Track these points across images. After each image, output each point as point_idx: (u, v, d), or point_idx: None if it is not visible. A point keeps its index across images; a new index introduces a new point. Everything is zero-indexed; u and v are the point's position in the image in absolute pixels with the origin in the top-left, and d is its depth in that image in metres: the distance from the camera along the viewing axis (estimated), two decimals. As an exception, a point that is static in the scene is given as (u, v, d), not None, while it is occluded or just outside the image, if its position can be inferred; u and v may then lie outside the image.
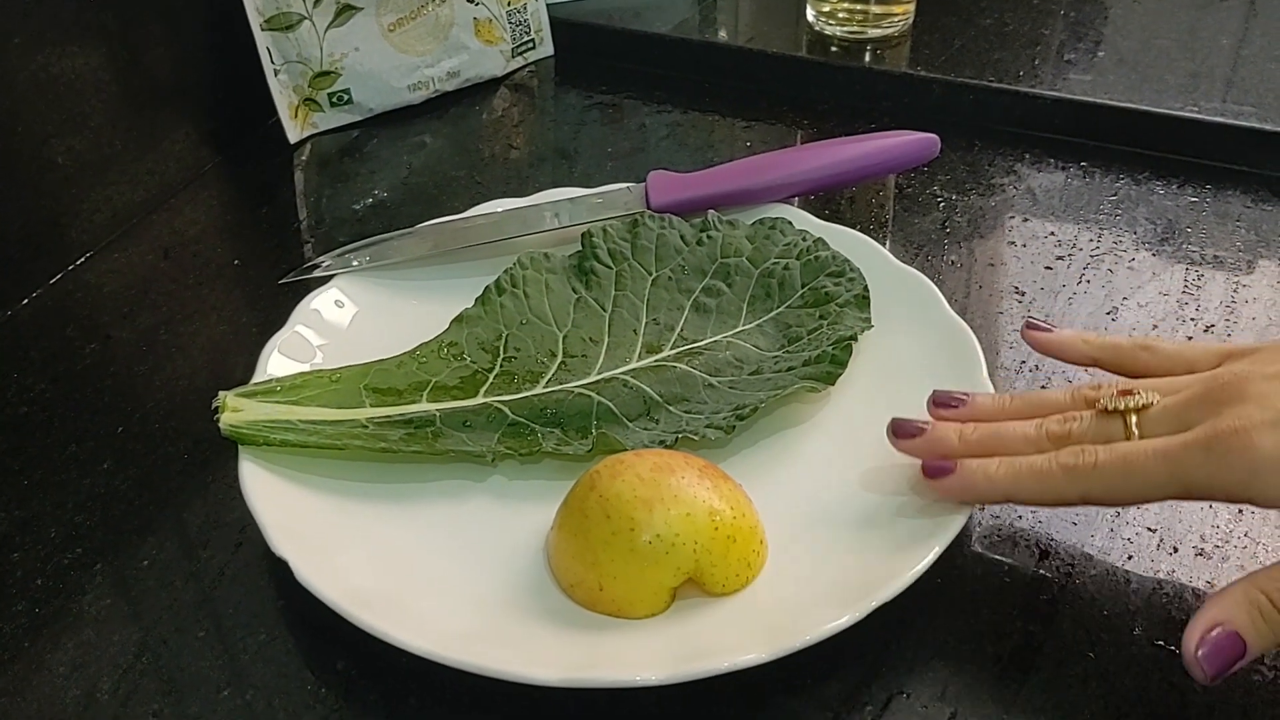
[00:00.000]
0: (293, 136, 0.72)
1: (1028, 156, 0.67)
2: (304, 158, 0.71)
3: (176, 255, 0.64)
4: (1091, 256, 0.59)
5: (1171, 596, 0.42)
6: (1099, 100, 0.67)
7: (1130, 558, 0.44)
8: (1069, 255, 0.59)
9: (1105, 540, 0.45)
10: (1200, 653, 0.36)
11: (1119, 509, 0.45)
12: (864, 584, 0.40)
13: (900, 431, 0.43)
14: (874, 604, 0.39)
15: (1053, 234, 0.61)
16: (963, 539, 0.44)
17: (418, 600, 0.41)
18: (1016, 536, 0.45)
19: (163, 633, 0.43)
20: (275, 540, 0.42)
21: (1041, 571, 0.44)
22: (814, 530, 0.44)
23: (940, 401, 0.44)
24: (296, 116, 0.71)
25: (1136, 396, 0.40)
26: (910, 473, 0.44)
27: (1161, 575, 0.43)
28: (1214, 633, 0.36)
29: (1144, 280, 0.57)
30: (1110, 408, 0.40)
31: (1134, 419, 0.39)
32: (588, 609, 0.41)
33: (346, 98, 0.72)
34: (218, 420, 0.46)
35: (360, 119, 0.73)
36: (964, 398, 0.44)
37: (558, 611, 0.41)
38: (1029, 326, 0.45)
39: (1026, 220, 0.62)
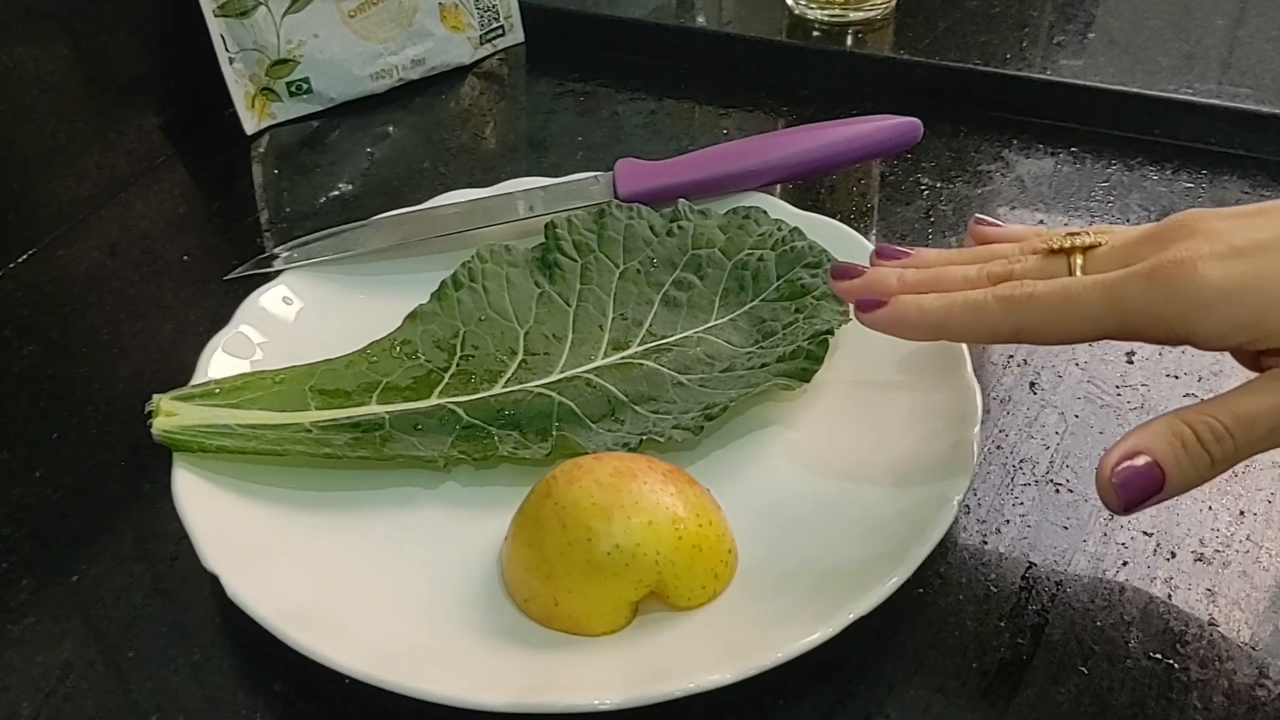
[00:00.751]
0: (250, 128, 0.69)
1: (1015, 142, 0.64)
2: (262, 150, 0.69)
3: (124, 252, 0.61)
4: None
5: (1169, 605, 0.40)
6: (1090, 83, 0.64)
7: (1125, 564, 0.41)
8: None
9: (1098, 545, 0.42)
10: (1116, 480, 0.34)
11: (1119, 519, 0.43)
12: (839, 596, 0.37)
13: (838, 273, 0.43)
14: (850, 618, 0.36)
15: (1042, 222, 0.58)
16: (945, 546, 0.42)
17: (360, 618, 0.38)
18: (1003, 543, 0.42)
19: (90, 654, 0.40)
20: (207, 553, 0.39)
21: (1030, 580, 0.41)
22: (787, 538, 0.41)
23: (883, 253, 0.43)
24: (253, 107, 0.69)
25: (1083, 236, 0.38)
26: (890, 474, 0.42)
27: (1158, 583, 0.40)
28: (1133, 461, 0.34)
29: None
30: (1056, 246, 0.38)
31: (1079, 259, 0.38)
32: (543, 625, 0.38)
33: (305, 87, 0.69)
34: (150, 425, 0.43)
35: (320, 109, 0.71)
36: (908, 251, 0.43)
37: (511, 629, 0.38)
38: (977, 221, 0.44)
39: (1015, 209, 0.60)
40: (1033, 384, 0.49)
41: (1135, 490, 0.34)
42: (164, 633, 0.41)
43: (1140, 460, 0.34)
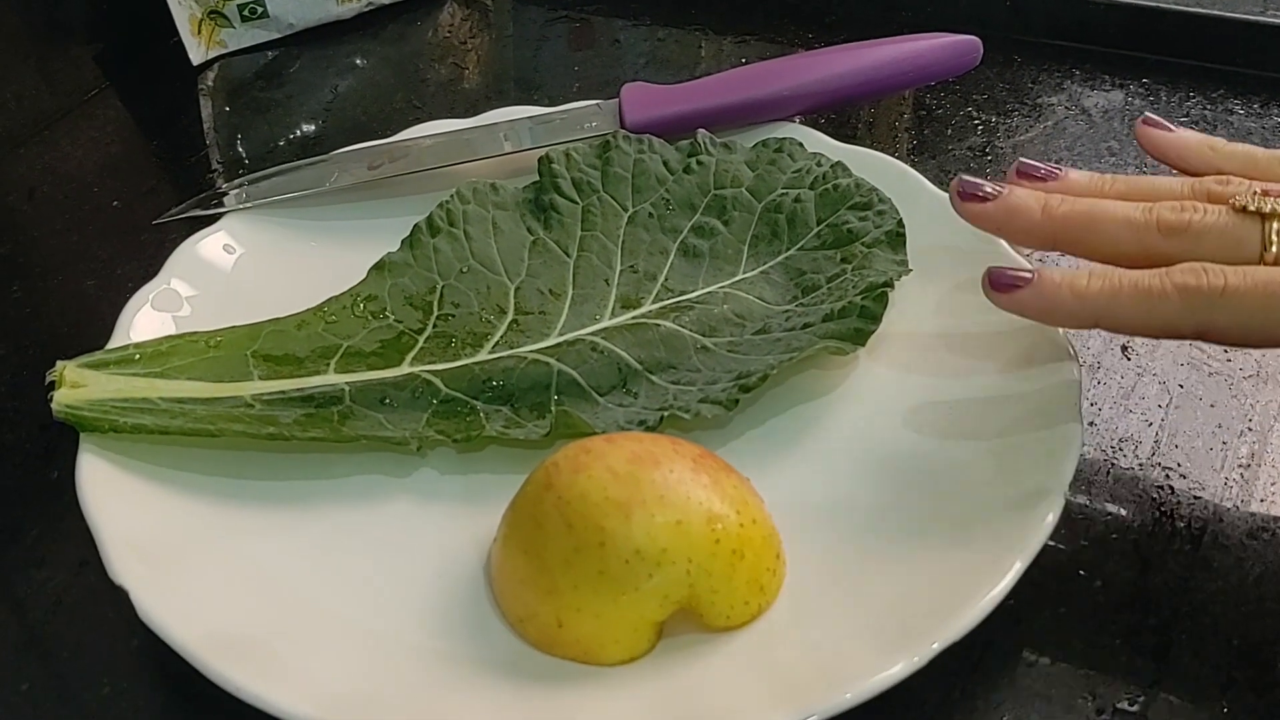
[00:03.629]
0: (196, 57, 0.60)
1: (1078, 73, 0.56)
2: (210, 83, 0.60)
3: (44, 196, 0.52)
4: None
5: (1325, 622, 0.32)
6: (1161, 5, 0.56)
7: (1260, 569, 0.33)
8: (1140, 186, 0.49)
9: (1225, 539, 0.34)
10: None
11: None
12: (919, 617, 0.30)
13: (967, 191, 0.35)
14: (936, 646, 0.28)
15: (1115, 162, 0.51)
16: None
17: (308, 647, 0.30)
18: (1106, 542, 0.34)
19: (-28, 686, 0.32)
20: (116, 562, 0.31)
21: (1144, 590, 0.33)
22: (846, 542, 0.33)
23: (1026, 170, 0.36)
24: (200, 33, 0.60)
25: None
26: (973, 461, 0.34)
27: (1308, 593, 0.33)
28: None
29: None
30: (1251, 207, 0.32)
31: (1276, 227, 0.31)
32: (543, 652, 0.31)
33: (260, 10, 0.61)
34: (51, 399, 0.35)
35: (278, 36, 0.62)
36: (1057, 170, 0.36)
37: (502, 658, 0.31)
38: (1145, 123, 0.37)
39: (1083, 146, 0.52)
40: (1125, 347, 0.41)
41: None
42: (67, 659, 0.33)
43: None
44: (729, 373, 0.37)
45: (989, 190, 0.35)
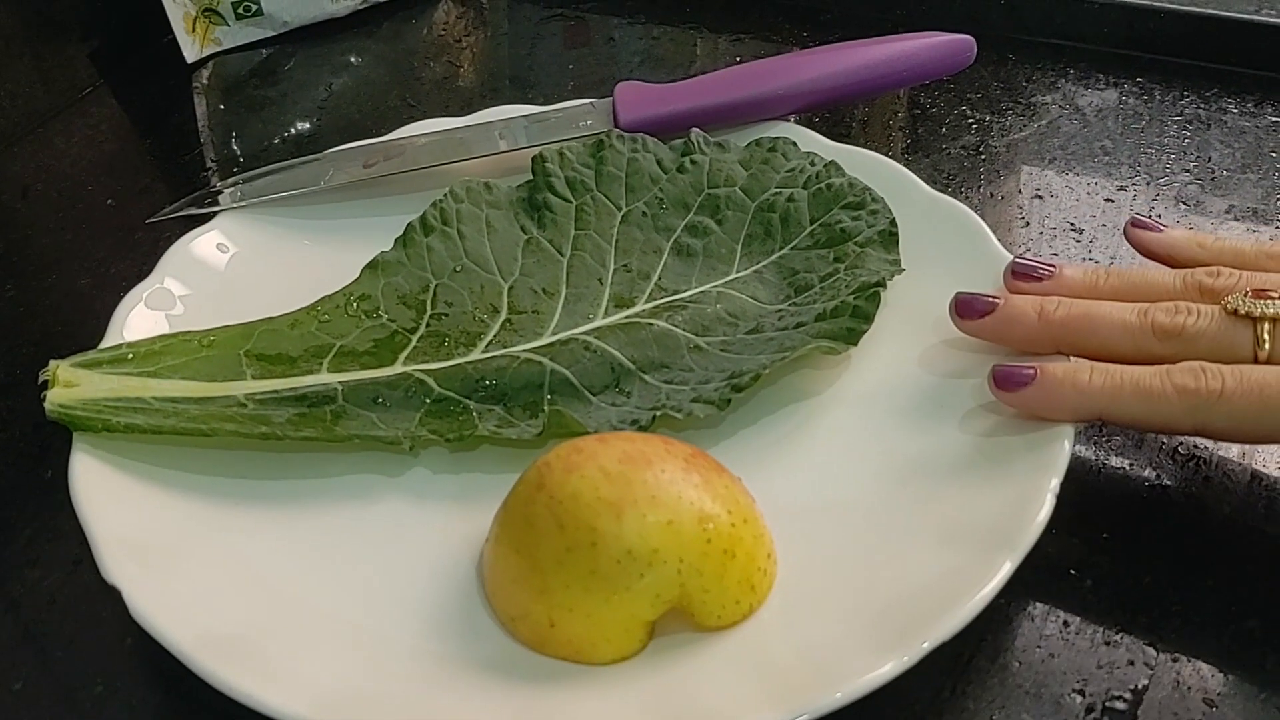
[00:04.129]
0: (190, 55, 0.60)
1: (1072, 72, 0.56)
2: (204, 81, 0.60)
3: (38, 194, 0.52)
4: (1160, 187, 0.48)
5: (1314, 622, 0.32)
6: (1155, 4, 0.56)
7: (1252, 569, 0.34)
8: (1131, 186, 0.49)
9: (1216, 541, 0.34)
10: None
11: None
12: (909, 616, 0.30)
13: (964, 309, 0.36)
14: (927, 646, 0.28)
15: (1109, 161, 0.50)
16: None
17: (300, 646, 0.30)
18: (1102, 540, 0.34)
19: (-35, 686, 0.32)
20: (109, 561, 0.31)
21: (1139, 587, 0.33)
22: (837, 541, 0.33)
23: (1021, 271, 0.37)
24: (194, 30, 0.60)
25: (1276, 303, 0.33)
26: (965, 458, 0.34)
27: (1297, 593, 0.33)
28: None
29: (1225, 215, 0.47)
30: (1241, 310, 0.33)
31: (1267, 328, 0.32)
32: (535, 651, 0.31)
33: (255, 8, 0.61)
34: (44, 398, 0.35)
35: (273, 34, 0.62)
36: (1051, 269, 0.37)
37: (494, 657, 0.31)
38: (1134, 224, 0.38)
39: (1077, 145, 0.51)
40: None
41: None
42: (60, 658, 0.33)
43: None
44: (722, 372, 0.37)
45: (985, 304, 0.36)
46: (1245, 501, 0.35)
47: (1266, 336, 0.32)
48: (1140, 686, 0.31)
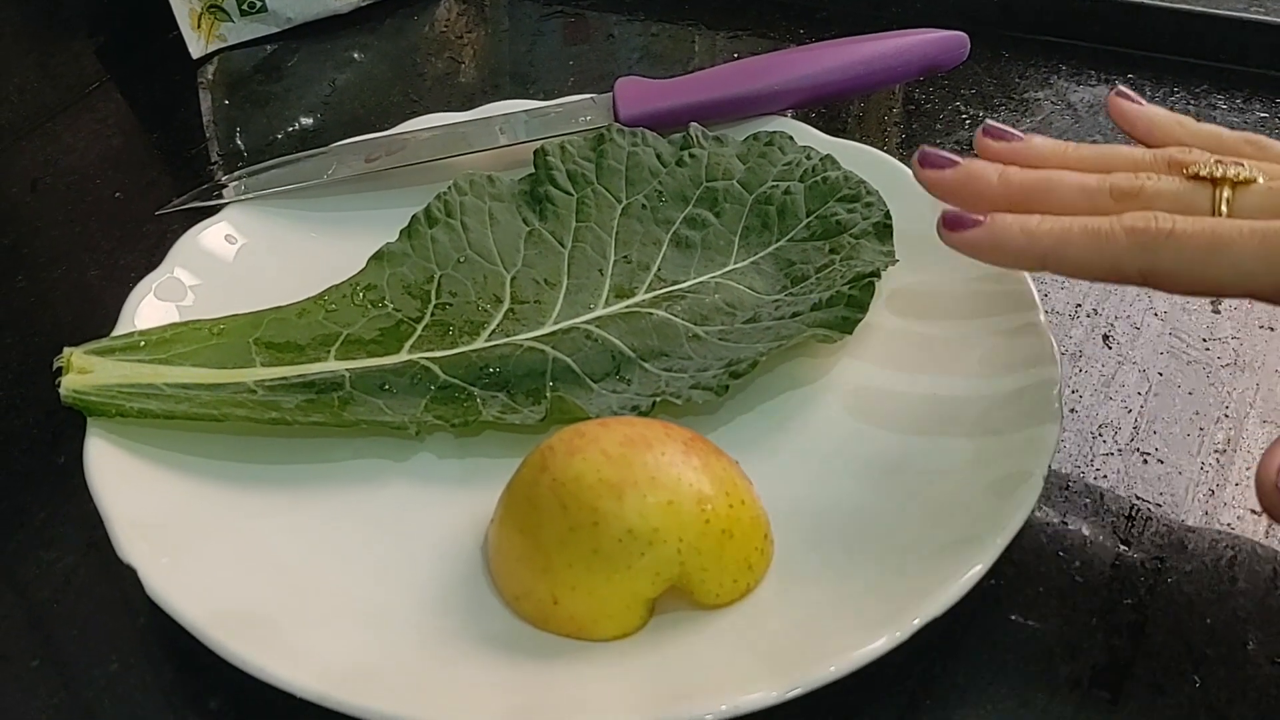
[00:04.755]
0: (195, 51, 0.61)
1: (1064, 68, 0.57)
2: (209, 76, 0.61)
3: (47, 188, 0.53)
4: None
5: (1294, 600, 0.33)
6: (1146, 1, 0.57)
7: (1234, 550, 0.35)
8: (1122, 180, 0.49)
9: (1200, 521, 0.35)
10: None
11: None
12: (902, 594, 0.31)
13: (927, 160, 0.35)
14: (917, 623, 0.29)
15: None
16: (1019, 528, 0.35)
17: (312, 622, 0.31)
18: (1086, 524, 0.35)
19: (-17, 662, 0.33)
20: (124, 541, 0.32)
21: (1122, 568, 0.34)
22: (833, 522, 0.34)
23: (991, 131, 0.36)
24: (199, 27, 0.61)
25: (1239, 168, 0.32)
26: (955, 444, 0.35)
27: (1278, 572, 0.34)
28: None
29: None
30: (1203, 173, 0.32)
31: (1227, 193, 0.32)
32: (538, 628, 0.31)
33: (259, 5, 0.61)
34: (59, 385, 0.35)
35: (277, 30, 0.63)
36: (1019, 135, 0.36)
37: (499, 635, 0.31)
38: (1116, 94, 0.38)
39: (1069, 139, 0.52)
40: (1106, 337, 0.42)
41: None
42: (76, 636, 0.34)
43: None
44: (720, 360, 0.38)
45: (948, 159, 0.35)
46: (1231, 485, 0.36)
47: (1225, 201, 0.31)
48: (1125, 661, 0.32)
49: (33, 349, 0.44)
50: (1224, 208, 0.31)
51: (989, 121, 0.37)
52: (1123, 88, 0.38)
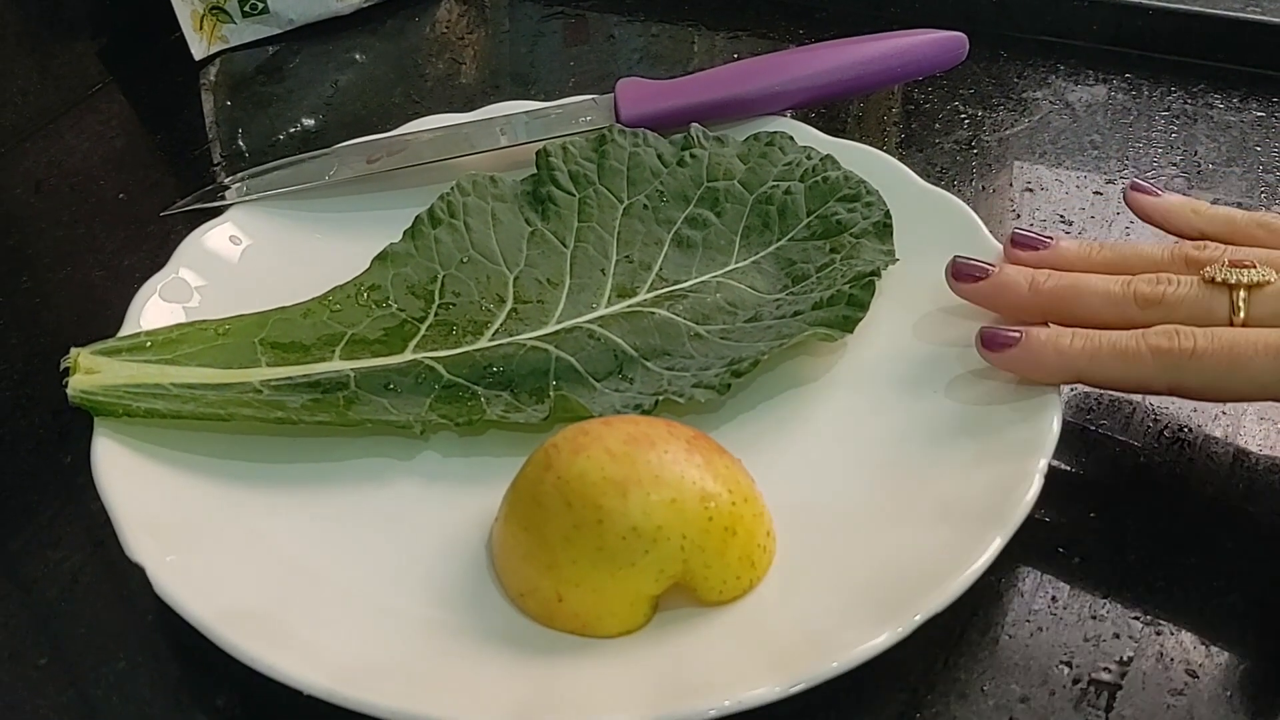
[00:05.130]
0: (198, 52, 0.61)
1: (1062, 68, 0.57)
2: (211, 78, 0.61)
3: (50, 189, 0.53)
4: (1147, 181, 0.49)
5: (1292, 596, 0.33)
6: (1144, 1, 0.57)
7: (1233, 543, 0.35)
8: (1120, 179, 0.50)
9: (1200, 516, 0.35)
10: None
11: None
12: (902, 590, 0.31)
13: (961, 273, 0.38)
14: (919, 619, 0.30)
15: (1098, 155, 0.52)
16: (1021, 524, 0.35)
17: (319, 620, 0.31)
18: (1087, 519, 0.36)
19: (-9, 661, 0.33)
20: (131, 539, 0.32)
21: (1124, 564, 0.34)
22: (835, 519, 0.34)
23: (1020, 240, 0.39)
24: (201, 28, 0.61)
25: (1251, 271, 0.34)
26: (956, 441, 0.35)
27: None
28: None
29: (1221, 203, 0.48)
30: (1219, 279, 0.35)
31: (1242, 295, 0.34)
32: (543, 625, 0.32)
33: (261, 6, 0.62)
34: (66, 385, 0.36)
35: (279, 32, 0.63)
36: (1049, 240, 0.39)
37: (504, 631, 0.32)
38: (1134, 188, 0.40)
39: (1067, 140, 0.53)
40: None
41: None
42: (83, 635, 0.34)
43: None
44: (721, 359, 0.38)
45: (981, 269, 0.37)
46: (1227, 482, 0.37)
47: (1242, 303, 0.34)
48: (1125, 658, 0.32)
49: (38, 349, 0.44)
50: (1241, 314, 0.34)
51: (1017, 230, 0.39)
52: (1138, 181, 0.41)
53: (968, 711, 0.31)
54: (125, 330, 0.39)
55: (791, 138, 0.46)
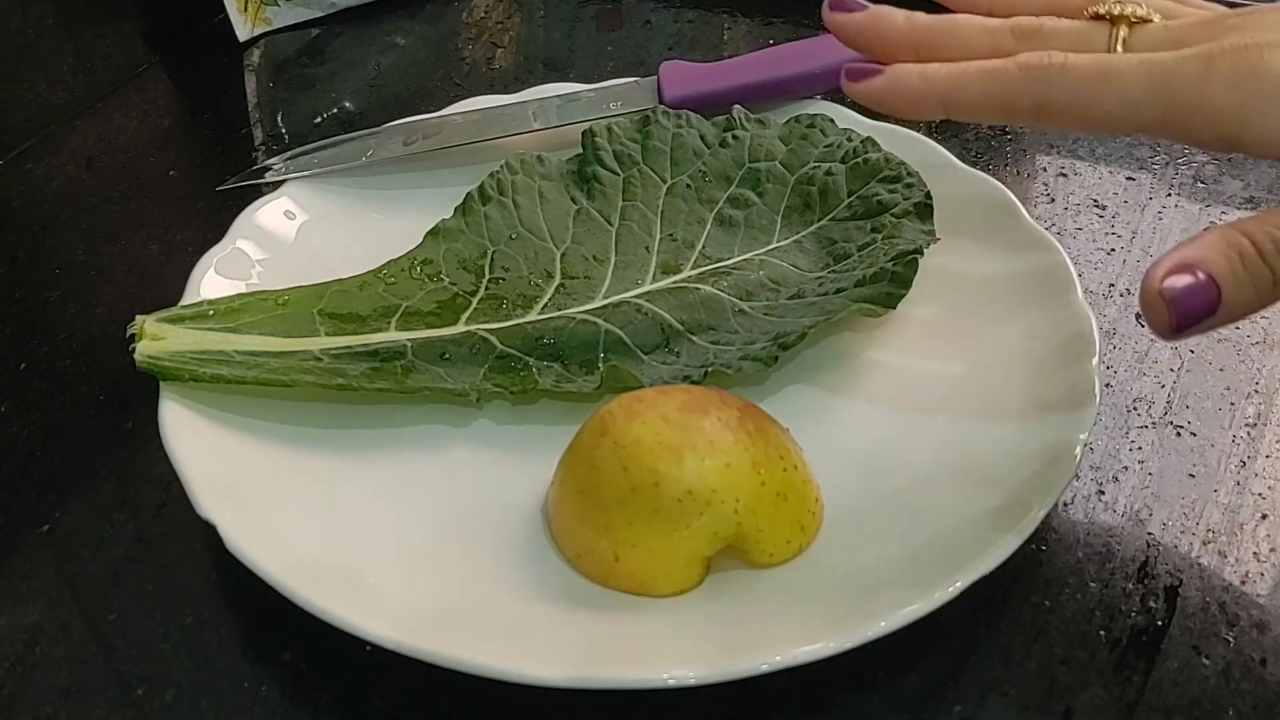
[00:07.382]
0: (242, 34, 0.62)
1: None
2: (255, 59, 0.62)
3: (102, 166, 0.54)
4: (1178, 167, 0.50)
5: (1324, 567, 0.34)
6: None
7: (1264, 516, 0.36)
8: (1151, 164, 0.51)
9: (1231, 495, 0.37)
10: (1166, 294, 0.29)
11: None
12: (947, 556, 0.32)
13: (836, 3, 0.36)
14: (961, 584, 0.31)
15: (1131, 141, 0.52)
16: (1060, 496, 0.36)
17: (381, 575, 0.32)
18: (1122, 493, 0.37)
19: (63, 616, 0.35)
20: (201, 499, 0.33)
21: (1157, 535, 0.35)
22: (878, 487, 0.35)
23: (837, 4, 0.36)
24: (246, 10, 0.62)
25: (1137, 8, 0.32)
26: (997, 414, 0.36)
27: (1309, 540, 0.35)
28: (1186, 275, 0.29)
29: (1241, 195, 0.49)
30: (1100, 12, 0.33)
31: (1123, 31, 0.32)
32: (599, 585, 0.33)
33: (304, -11, 0.62)
34: (133, 350, 0.37)
35: (321, 15, 0.64)
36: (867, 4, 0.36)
37: (561, 589, 0.33)
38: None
39: (1100, 126, 0.53)
40: (1139, 315, 0.43)
41: (1188, 308, 0.29)
42: (150, 592, 0.35)
43: (1195, 275, 0.29)
44: (765, 334, 0.39)
45: (858, 2, 0.35)
46: (1259, 461, 0.38)
47: (1122, 35, 0.32)
48: (1163, 621, 0.33)
49: (95, 320, 0.46)
50: (1119, 46, 0.32)
51: None
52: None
53: (1010, 672, 0.32)
54: (186, 300, 0.40)
55: (832, 120, 0.46)
